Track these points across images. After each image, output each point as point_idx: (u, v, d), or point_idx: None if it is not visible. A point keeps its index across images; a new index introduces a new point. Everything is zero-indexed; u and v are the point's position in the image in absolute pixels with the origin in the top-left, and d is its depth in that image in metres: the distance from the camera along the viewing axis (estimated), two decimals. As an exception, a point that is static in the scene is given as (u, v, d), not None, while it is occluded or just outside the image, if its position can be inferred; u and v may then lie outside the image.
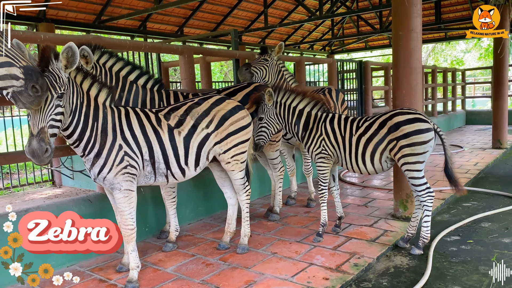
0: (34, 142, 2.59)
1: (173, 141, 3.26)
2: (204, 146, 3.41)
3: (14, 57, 2.51)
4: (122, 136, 3.06)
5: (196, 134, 3.37)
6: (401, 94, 4.38)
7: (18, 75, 2.48)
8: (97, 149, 2.98)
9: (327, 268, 3.33)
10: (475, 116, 14.21)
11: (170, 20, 11.06)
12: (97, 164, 3.00)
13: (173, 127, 3.29)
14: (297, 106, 3.93)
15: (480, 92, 22.32)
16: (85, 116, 2.93)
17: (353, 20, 14.75)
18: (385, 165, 3.67)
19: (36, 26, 8.33)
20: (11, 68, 2.48)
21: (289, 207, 5.17)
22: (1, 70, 2.47)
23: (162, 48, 5.92)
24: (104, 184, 3.10)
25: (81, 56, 3.38)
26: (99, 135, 2.98)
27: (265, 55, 4.93)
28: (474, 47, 25.81)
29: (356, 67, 8.85)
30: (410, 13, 4.27)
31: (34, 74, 2.52)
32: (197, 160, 3.39)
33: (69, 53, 2.72)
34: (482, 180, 6.31)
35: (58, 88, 2.67)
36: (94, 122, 2.96)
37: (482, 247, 3.75)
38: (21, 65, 2.51)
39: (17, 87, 2.49)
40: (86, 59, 3.41)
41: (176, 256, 3.73)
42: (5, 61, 2.47)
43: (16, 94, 2.49)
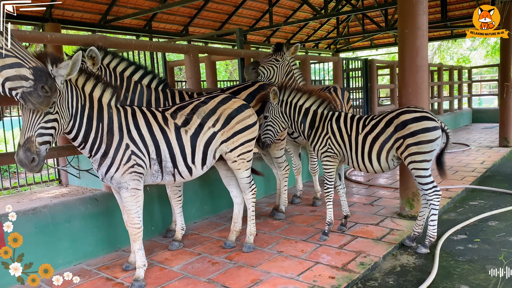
0: (20, 152, 2.61)
1: (180, 140, 3.27)
2: (210, 145, 3.42)
3: (23, 58, 2.54)
4: (129, 136, 3.07)
5: (203, 133, 3.37)
6: (407, 92, 4.36)
7: (27, 76, 2.51)
8: (104, 149, 2.99)
9: (333, 267, 3.32)
10: (482, 114, 14.12)
11: (175, 19, 11.08)
12: (104, 164, 3.02)
13: (179, 126, 3.30)
14: (303, 104, 3.92)
15: (487, 90, 22.19)
16: (88, 118, 2.93)
17: (358, 18, 14.69)
18: (392, 163, 3.66)
19: (43, 26, 8.38)
20: (20, 69, 2.51)
21: (294, 206, 5.16)
22: (11, 70, 2.50)
23: (168, 48, 5.93)
24: (112, 184, 3.11)
25: (88, 57, 3.39)
26: (105, 136, 2.99)
27: (277, 55, 4.77)
28: (481, 44, 25.63)
29: (362, 65, 8.81)
30: (416, 10, 4.24)
31: (43, 74, 2.55)
32: (204, 158, 3.40)
33: (75, 64, 2.73)
34: (489, 179, 6.27)
35: None
36: (98, 123, 2.97)
37: (489, 246, 3.73)
38: (30, 65, 2.53)
39: (26, 88, 2.51)
40: (93, 60, 3.41)
41: (182, 255, 3.75)
42: (14, 62, 2.50)
43: (26, 95, 2.52)
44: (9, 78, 2.50)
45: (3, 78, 2.50)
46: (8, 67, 2.49)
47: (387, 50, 20.00)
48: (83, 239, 3.66)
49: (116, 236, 3.87)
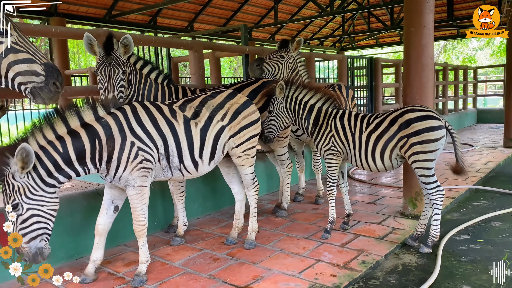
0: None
1: (189, 133, 3.25)
2: (219, 139, 3.41)
3: (35, 54, 2.62)
4: (133, 133, 3.03)
5: (212, 126, 3.36)
6: (412, 91, 4.34)
7: (39, 72, 2.60)
8: (106, 157, 2.95)
9: (335, 265, 3.32)
10: (487, 115, 14.04)
11: (180, 15, 11.07)
12: (111, 168, 2.98)
13: (189, 118, 3.28)
14: (308, 101, 3.91)
15: (492, 91, 22.06)
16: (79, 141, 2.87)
17: (363, 17, 14.65)
18: (395, 162, 3.64)
19: (48, 20, 8.40)
20: (32, 65, 2.59)
21: (297, 203, 5.16)
22: (22, 66, 2.58)
23: (172, 43, 5.93)
24: (119, 183, 3.07)
25: (122, 44, 3.36)
26: (104, 145, 2.93)
27: (282, 51, 4.72)
28: (487, 44, 25.49)
29: (367, 63, 8.78)
30: (422, 9, 4.22)
31: (54, 71, 2.64)
32: (212, 153, 3.38)
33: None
34: (493, 179, 6.24)
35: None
36: (94, 138, 2.91)
37: (492, 246, 3.71)
38: (42, 62, 2.62)
39: (37, 83, 2.60)
40: (126, 49, 3.39)
41: (184, 250, 3.75)
42: (26, 58, 2.58)
43: (36, 90, 2.61)
44: (20, 73, 2.58)
45: (14, 73, 2.59)
46: (20, 62, 2.58)
47: (392, 48, 19.95)
48: (85, 233, 3.66)
49: (118, 230, 3.87)
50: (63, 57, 7.87)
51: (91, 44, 3.36)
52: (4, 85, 2.63)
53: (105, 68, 3.27)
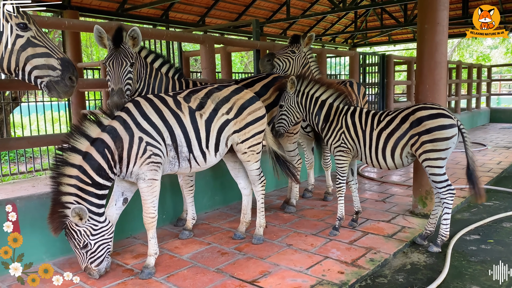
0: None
1: (195, 123, 3.27)
2: (223, 132, 3.42)
3: (52, 48, 2.68)
4: (139, 128, 3.05)
5: (217, 118, 3.37)
6: (424, 89, 4.29)
7: (55, 66, 2.66)
8: (117, 156, 3.00)
9: (343, 262, 3.31)
10: (500, 114, 13.84)
11: (192, 9, 11.07)
12: (123, 166, 3.03)
13: (194, 109, 3.30)
14: (320, 96, 3.89)
15: (506, 90, 21.76)
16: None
17: (376, 13, 14.48)
18: (406, 160, 3.61)
19: (61, 13, 8.46)
20: (49, 59, 2.65)
21: (305, 200, 5.15)
22: (40, 59, 2.63)
23: (184, 37, 5.92)
24: (131, 178, 3.11)
25: (130, 37, 3.38)
26: (114, 149, 2.99)
27: (294, 46, 4.70)
28: (502, 43, 25.10)
29: (379, 60, 8.70)
30: (436, 5, 4.16)
31: (70, 66, 2.71)
32: (217, 144, 3.39)
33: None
34: (505, 179, 6.16)
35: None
36: (103, 149, 2.97)
37: (502, 247, 3.67)
38: (59, 56, 2.68)
39: (53, 77, 2.66)
40: (134, 41, 3.40)
41: (192, 244, 3.77)
42: (43, 52, 2.64)
43: (52, 84, 2.66)
44: (37, 66, 2.63)
45: (32, 66, 2.64)
46: (38, 56, 2.63)
47: (405, 46, 19.70)
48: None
49: (127, 222, 3.91)
50: (75, 50, 7.92)
51: (101, 36, 3.38)
52: (20, 78, 2.67)
53: (113, 60, 3.29)
